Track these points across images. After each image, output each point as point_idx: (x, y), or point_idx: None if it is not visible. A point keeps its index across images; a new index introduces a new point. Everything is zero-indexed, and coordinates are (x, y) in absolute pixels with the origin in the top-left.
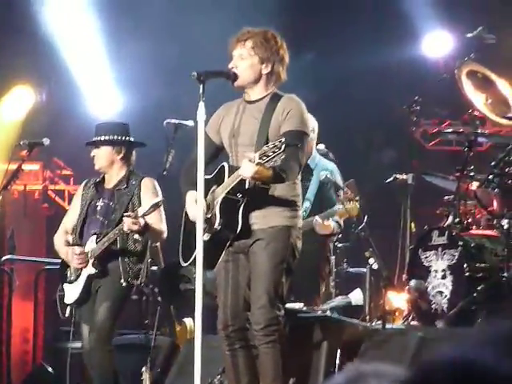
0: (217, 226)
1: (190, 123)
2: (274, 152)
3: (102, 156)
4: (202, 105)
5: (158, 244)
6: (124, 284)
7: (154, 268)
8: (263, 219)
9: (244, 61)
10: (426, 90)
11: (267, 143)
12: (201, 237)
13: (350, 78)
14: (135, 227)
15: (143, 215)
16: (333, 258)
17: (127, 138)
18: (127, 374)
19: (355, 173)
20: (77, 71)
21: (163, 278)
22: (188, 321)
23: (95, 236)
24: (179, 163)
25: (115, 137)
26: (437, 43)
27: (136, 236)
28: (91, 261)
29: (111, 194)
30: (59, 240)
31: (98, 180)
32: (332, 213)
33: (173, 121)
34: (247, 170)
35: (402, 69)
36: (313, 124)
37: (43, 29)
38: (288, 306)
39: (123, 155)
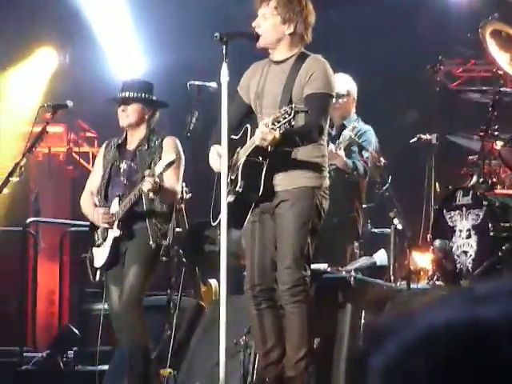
0: (238, 188)
1: (214, 85)
2: (284, 118)
3: (133, 113)
4: (225, 66)
5: (183, 206)
6: (153, 245)
7: (179, 229)
8: (287, 180)
9: (267, 20)
10: (449, 30)
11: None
12: (225, 198)
13: (368, 25)
14: (154, 186)
15: (160, 174)
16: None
17: (154, 98)
18: (152, 335)
19: (379, 133)
20: (100, 33)
21: (188, 239)
22: (213, 282)
23: (118, 198)
24: (203, 125)
25: (146, 95)
26: None
27: (151, 195)
28: (116, 223)
29: (133, 155)
30: (86, 202)
31: (119, 142)
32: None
33: (196, 82)
34: (261, 135)
35: (425, 9)
36: (349, 86)
37: None
38: (312, 266)
39: (151, 114)
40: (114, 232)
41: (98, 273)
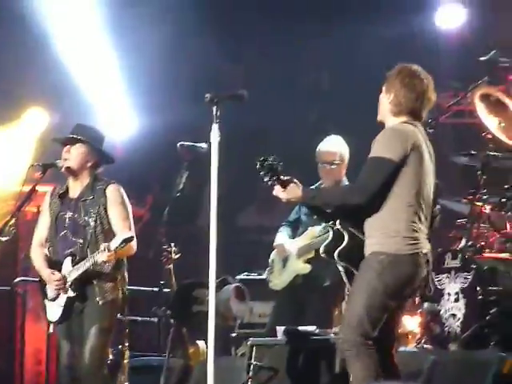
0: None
1: (204, 145)
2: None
3: (76, 155)
4: (215, 127)
5: (171, 266)
6: (100, 303)
7: (167, 290)
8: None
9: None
10: (439, 63)
11: None
12: (213, 255)
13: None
14: (110, 259)
15: (115, 249)
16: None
17: (102, 149)
18: None
19: None
20: (90, 92)
21: (176, 300)
22: (200, 343)
23: (70, 258)
24: (192, 185)
25: (92, 141)
26: (450, 15)
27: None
28: (69, 284)
29: (76, 205)
30: (36, 253)
31: (61, 191)
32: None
33: (186, 143)
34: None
35: (415, 41)
36: (341, 150)
37: (56, 50)
38: (301, 328)
39: (94, 163)
40: (69, 293)
41: (51, 326)
